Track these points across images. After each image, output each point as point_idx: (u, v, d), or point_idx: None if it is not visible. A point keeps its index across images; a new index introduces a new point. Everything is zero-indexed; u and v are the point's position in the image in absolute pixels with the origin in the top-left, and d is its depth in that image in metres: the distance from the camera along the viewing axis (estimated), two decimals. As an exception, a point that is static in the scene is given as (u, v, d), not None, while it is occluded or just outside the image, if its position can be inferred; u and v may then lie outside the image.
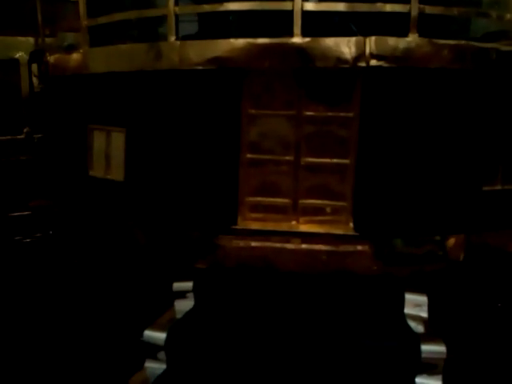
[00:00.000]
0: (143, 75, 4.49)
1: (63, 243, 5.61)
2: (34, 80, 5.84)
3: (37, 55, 5.80)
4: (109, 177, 4.83)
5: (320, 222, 4.51)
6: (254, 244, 4.43)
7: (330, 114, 4.36)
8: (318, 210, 4.54)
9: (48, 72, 5.66)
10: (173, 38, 4.27)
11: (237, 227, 4.55)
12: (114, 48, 4.65)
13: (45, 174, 5.90)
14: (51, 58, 5.58)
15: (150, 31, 4.95)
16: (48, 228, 5.90)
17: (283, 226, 4.53)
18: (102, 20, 4.74)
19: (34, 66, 5.83)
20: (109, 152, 4.82)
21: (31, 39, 5.82)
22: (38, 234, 5.87)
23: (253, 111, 4.40)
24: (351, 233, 4.47)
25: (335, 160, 4.43)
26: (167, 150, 4.53)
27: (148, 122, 4.56)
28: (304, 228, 4.53)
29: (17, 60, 5.74)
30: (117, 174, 4.75)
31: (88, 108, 5.03)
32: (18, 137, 5.80)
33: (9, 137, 5.76)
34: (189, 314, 4.14)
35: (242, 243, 4.45)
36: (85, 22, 4.83)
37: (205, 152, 4.45)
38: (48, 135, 5.77)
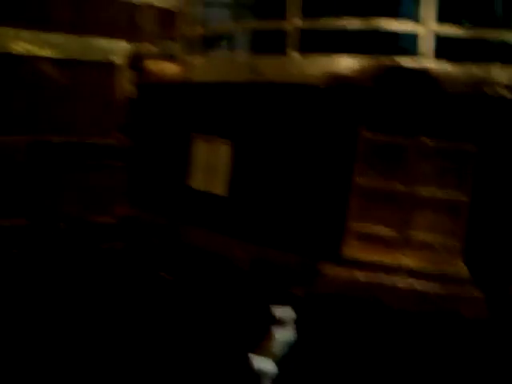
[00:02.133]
0: (254, 88, 4.31)
1: (146, 255, 5.45)
2: (129, 85, 5.74)
3: (134, 60, 5.72)
4: (210, 190, 4.63)
5: (428, 259, 4.22)
6: (358, 275, 4.18)
7: (448, 147, 4.08)
8: (427, 246, 4.25)
9: (144, 78, 5.55)
10: (294, 53, 4.07)
11: (341, 256, 4.28)
12: (227, 59, 4.52)
13: (133, 180, 5.78)
14: (149, 64, 5.47)
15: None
16: (131, 237, 5.76)
17: (390, 259, 4.25)
18: (211, 29, 4.60)
19: (130, 71, 5.73)
20: (212, 164, 4.63)
21: (126, 43, 5.73)
22: (120, 243, 5.73)
23: (370, 135, 4.15)
24: (461, 274, 4.17)
25: (450, 196, 4.14)
26: (274, 167, 4.34)
27: (256, 137, 4.38)
28: (412, 263, 4.23)
29: (112, 63, 5.65)
30: (219, 188, 4.56)
31: (189, 117, 4.88)
32: (109, 141, 5.68)
33: (99, 141, 5.63)
34: (293, 344, 3.91)
35: (346, 273, 4.21)
36: (199, 31, 4.69)
37: (314, 173, 4.24)
38: (141, 141, 5.65)
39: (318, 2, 4.25)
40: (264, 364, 3.53)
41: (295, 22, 3.99)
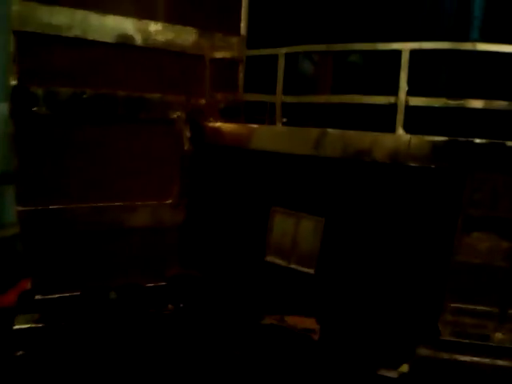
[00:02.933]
0: (355, 164, 4.14)
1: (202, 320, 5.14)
2: (187, 143, 5.45)
3: (193, 118, 5.45)
4: (294, 266, 4.41)
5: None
6: (460, 358, 4.01)
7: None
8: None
9: (203, 137, 5.30)
10: (401, 131, 3.91)
11: (438, 336, 4.12)
12: (310, 130, 4.31)
13: (190, 243, 5.49)
14: (210, 123, 5.24)
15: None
16: (183, 299, 5.46)
17: (491, 339, 4.11)
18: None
19: (188, 129, 5.44)
20: (297, 239, 4.41)
21: (185, 99, 5.45)
22: (170, 306, 5.41)
23: (473, 212, 4.02)
24: None
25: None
26: (370, 245, 4.16)
27: (352, 214, 4.19)
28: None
29: (169, 120, 5.36)
30: (306, 264, 4.34)
31: (261, 187, 4.66)
32: (166, 202, 5.38)
33: (155, 202, 5.33)
34: None
35: (442, 354, 4.05)
36: (279, 98, 4.48)
37: (412, 252, 4.07)
38: (198, 202, 5.38)
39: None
40: None
41: (404, 97, 3.81)
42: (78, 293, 5.23)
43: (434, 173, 3.92)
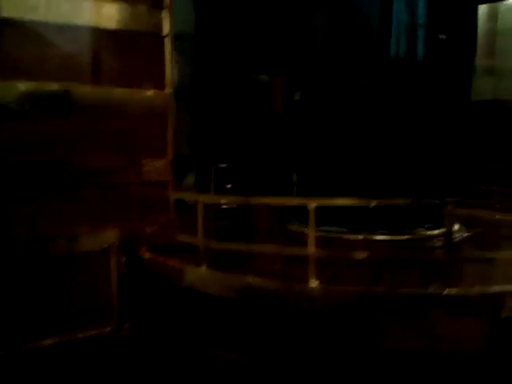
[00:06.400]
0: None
1: None
2: (122, 273, 5.62)
3: (125, 246, 5.63)
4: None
5: None
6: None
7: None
8: None
9: (138, 264, 5.50)
10: (314, 282, 4.21)
11: None
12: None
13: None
14: (141, 253, 5.45)
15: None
16: None
17: None
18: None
19: (121, 258, 5.62)
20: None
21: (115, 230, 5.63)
22: None
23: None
24: None
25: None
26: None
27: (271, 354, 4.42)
28: None
29: (106, 250, 5.54)
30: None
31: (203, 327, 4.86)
32: (105, 331, 5.52)
33: (93, 332, 5.47)
34: None
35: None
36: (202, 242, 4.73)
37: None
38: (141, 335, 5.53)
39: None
40: None
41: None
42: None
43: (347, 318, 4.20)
